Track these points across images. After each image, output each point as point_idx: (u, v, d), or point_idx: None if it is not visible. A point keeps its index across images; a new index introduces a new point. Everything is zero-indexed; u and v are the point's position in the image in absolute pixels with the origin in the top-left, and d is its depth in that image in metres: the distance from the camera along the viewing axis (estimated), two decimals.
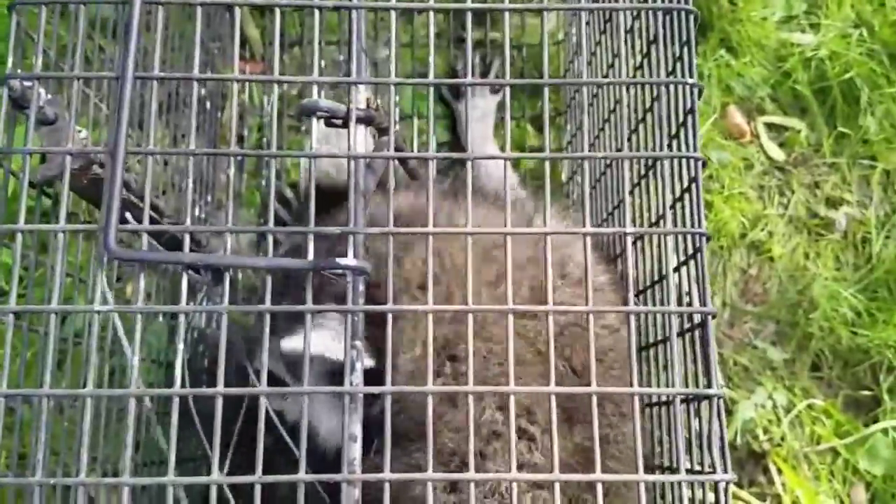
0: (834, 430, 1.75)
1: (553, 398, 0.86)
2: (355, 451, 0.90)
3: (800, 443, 1.74)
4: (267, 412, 0.85)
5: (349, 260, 0.89)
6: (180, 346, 0.87)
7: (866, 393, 1.78)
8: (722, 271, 1.85)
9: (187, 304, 1.00)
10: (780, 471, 1.72)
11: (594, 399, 0.86)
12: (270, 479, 0.84)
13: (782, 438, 1.74)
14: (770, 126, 1.95)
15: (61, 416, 1.11)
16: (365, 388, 0.90)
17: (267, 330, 0.88)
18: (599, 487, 0.83)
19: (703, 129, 1.88)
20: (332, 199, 1.09)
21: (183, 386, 0.85)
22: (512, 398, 0.86)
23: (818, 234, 1.88)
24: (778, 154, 1.92)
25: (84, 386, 0.86)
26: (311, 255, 0.90)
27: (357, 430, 0.90)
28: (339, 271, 0.91)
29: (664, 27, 1.04)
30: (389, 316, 0.90)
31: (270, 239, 0.90)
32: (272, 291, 0.87)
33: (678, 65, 1.02)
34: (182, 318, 0.88)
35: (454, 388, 1.09)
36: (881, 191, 1.89)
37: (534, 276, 1.17)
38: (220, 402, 0.85)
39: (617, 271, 1.32)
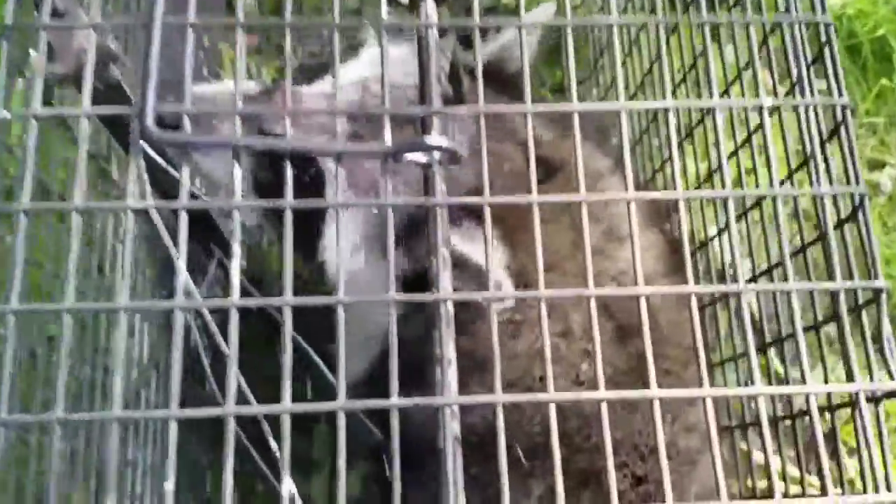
0: None
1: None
2: (452, 375, 0.74)
3: None
4: None
5: (437, 138, 0.74)
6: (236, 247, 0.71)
7: None
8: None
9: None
10: None
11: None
12: (359, 404, 0.69)
13: None
14: None
15: None
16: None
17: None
18: (656, 405, 0.71)
19: None
20: None
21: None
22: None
23: None
24: None
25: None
26: (388, 139, 0.75)
27: (452, 352, 0.75)
28: (422, 159, 0.76)
29: None
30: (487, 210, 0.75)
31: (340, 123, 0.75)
32: None
33: None
34: (236, 214, 0.72)
35: None
36: None
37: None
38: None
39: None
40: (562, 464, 0.67)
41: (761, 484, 1.28)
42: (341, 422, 0.69)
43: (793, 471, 1.20)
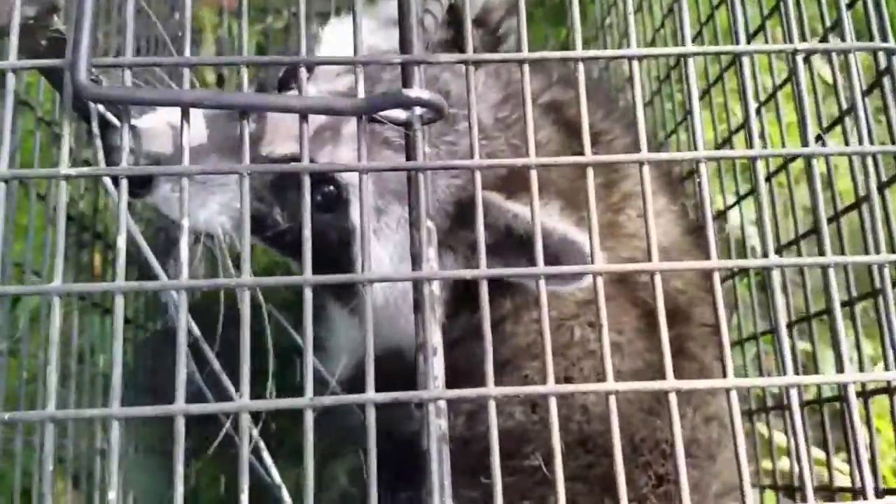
0: None
1: None
2: (438, 366, 0.64)
3: None
4: None
5: (418, 91, 0.63)
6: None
7: None
8: None
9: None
10: None
11: None
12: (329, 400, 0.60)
13: None
14: None
15: None
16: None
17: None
18: (673, 397, 0.62)
19: None
20: None
21: None
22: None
23: None
24: None
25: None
26: (360, 93, 0.65)
27: (438, 339, 0.65)
28: (401, 116, 0.65)
29: None
30: None
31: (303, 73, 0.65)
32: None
33: None
34: None
35: None
36: None
37: None
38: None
39: None
40: (585, 469, 0.58)
41: (782, 464, 1.19)
42: (309, 421, 0.59)
43: (817, 453, 1.11)
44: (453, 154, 0.99)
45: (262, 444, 0.83)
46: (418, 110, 0.65)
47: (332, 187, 0.98)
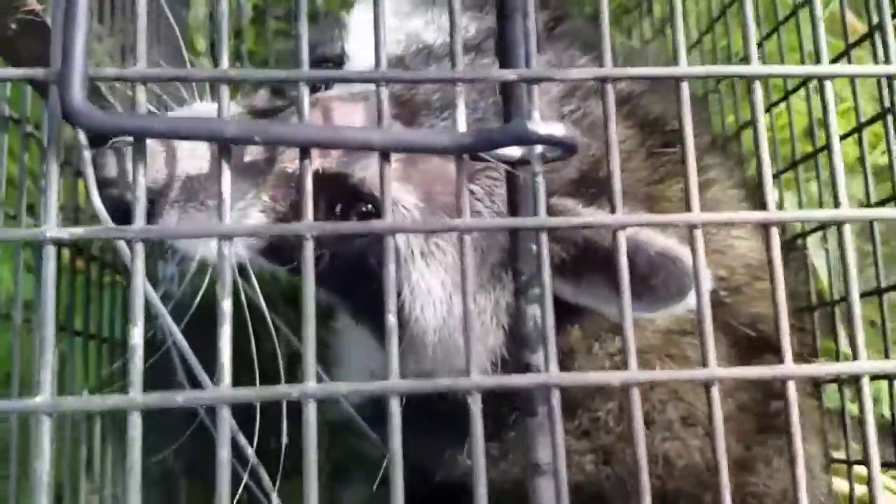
0: None
1: None
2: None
3: None
4: None
5: (547, 124, 0.45)
6: None
7: None
8: None
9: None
10: None
11: None
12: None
13: None
14: None
15: None
16: None
17: None
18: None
19: None
20: None
21: None
22: None
23: None
24: None
25: None
26: (460, 123, 0.47)
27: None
28: (515, 154, 0.48)
29: None
30: None
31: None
32: None
33: None
34: None
35: None
36: None
37: None
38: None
39: None
40: None
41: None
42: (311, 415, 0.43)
43: None
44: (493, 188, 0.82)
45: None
46: (539, 148, 0.48)
47: (369, 206, 0.80)
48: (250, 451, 0.72)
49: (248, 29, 1.53)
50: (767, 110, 1.08)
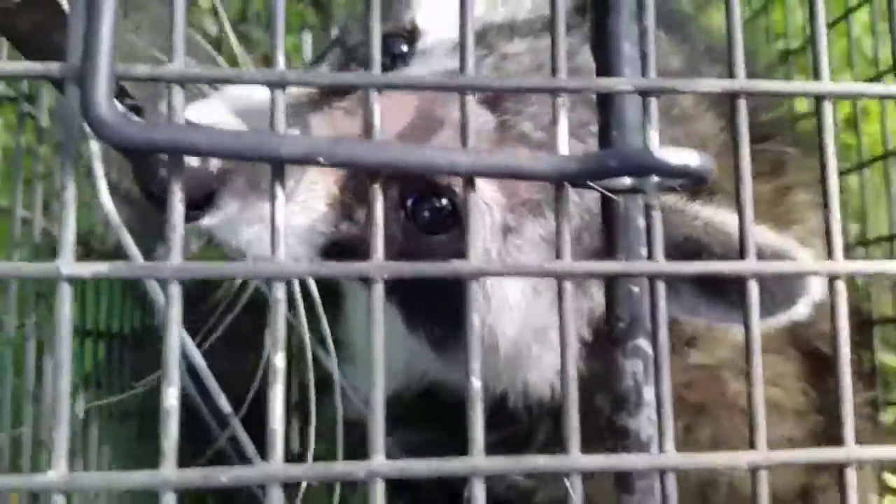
0: None
1: None
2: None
3: None
4: None
5: (677, 153, 0.37)
6: None
7: None
8: None
9: None
10: None
11: None
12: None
13: None
14: None
15: None
16: None
17: None
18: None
19: None
20: None
21: None
22: None
23: None
24: None
25: None
26: (562, 145, 0.39)
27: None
28: (625, 183, 0.40)
29: None
30: None
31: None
32: None
33: None
34: None
35: None
36: None
37: None
38: None
39: None
40: None
41: None
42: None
43: None
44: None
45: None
46: (656, 177, 0.40)
47: (444, 201, 0.71)
48: None
49: None
50: None
